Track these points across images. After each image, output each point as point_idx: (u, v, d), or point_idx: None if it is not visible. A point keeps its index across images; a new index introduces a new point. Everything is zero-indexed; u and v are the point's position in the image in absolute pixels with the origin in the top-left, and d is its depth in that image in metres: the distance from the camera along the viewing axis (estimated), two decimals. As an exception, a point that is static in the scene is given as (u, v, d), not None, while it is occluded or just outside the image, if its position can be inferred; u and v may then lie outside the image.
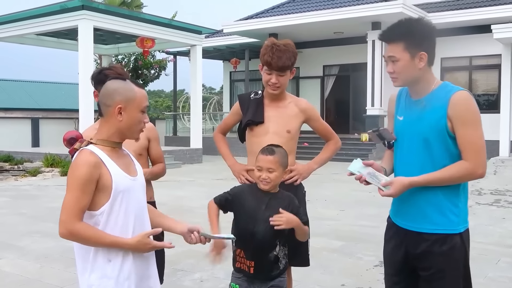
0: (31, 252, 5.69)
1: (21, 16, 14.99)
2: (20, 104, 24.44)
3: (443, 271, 2.33)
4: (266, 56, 3.04)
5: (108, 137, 2.18)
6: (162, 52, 21.40)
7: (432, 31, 2.35)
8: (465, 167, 2.26)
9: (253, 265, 2.58)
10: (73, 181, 2.07)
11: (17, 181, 12.41)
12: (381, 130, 2.48)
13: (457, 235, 2.34)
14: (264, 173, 2.60)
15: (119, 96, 2.13)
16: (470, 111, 2.27)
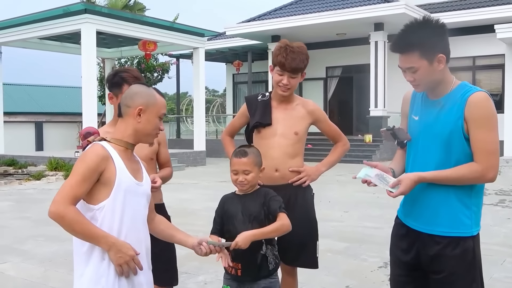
0: (35, 255, 5.69)
1: (24, 21, 15.07)
2: (23, 108, 24.56)
3: (455, 274, 2.30)
4: (279, 56, 3.03)
5: (123, 137, 2.23)
6: (165, 55, 21.45)
7: (443, 29, 2.27)
8: (475, 169, 2.22)
9: (240, 267, 2.58)
10: (78, 167, 2.11)
11: (21, 185, 12.44)
12: (396, 130, 2.45)
13: (469, 239, 2.30)
14: (241, 175, 2.62)
15: (141, 99, 2.21)
16: (486, 112, 2.23)
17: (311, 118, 3.19)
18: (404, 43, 2.25)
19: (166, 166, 3.23)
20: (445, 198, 2.30)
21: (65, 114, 25.07)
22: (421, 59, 2.21)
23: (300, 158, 3.17)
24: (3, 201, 9.75)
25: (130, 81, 2.95)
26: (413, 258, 2.43)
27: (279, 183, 3.06)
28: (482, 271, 2.39)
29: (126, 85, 2.93)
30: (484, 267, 4.85)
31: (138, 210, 2.23)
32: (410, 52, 2.23)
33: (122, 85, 2.96)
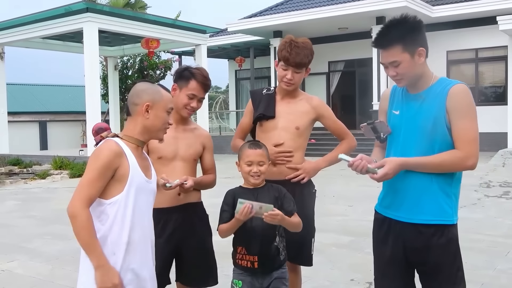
0: (42, 254, 5.74)
1: (27, 20, 15.10)
2: (27, 107, 24.65)
3: (442, 263, 2.35)
4: (284, 51, 3.02)
5: (133, 134, 2.27)
6: (168, 52, 21.46)
7: (421, 24, 2.36)
8: (457, 156, 2.28)
9: (256, 259, 2.62)
10: (93, 164, 2.14)
11: (26, 184, 12.51)
12: (376, 123, 2.48)
13: (453, 227, 2.36)
14: (255, 166, 2.65)
15: (147, 96, 2.26)
16: (466, 103, 2.31)
17: (315, 113, 3.15)
18: (386, 38, 2.32)
19: (209, 173, 3.14)
20: (427, 186, 2.35)
21: (69, 113, 25.15)
22: (403, 52, 2.29)
23: (300, 153, 3.15)
24: (9, 200, 9.82)
25: (198, 78, 2.93)
26: (398, 253, 2.44)
27: (277, 178, 3.01)
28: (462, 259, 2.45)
29: (194, 81, 2.92)
30: (489, 259, 4.91)
31: (146, 207, 2.29)
32: (392, 46, 2.30)
33: (190, 79, 2.93)
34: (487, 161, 13.69)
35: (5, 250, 5.91)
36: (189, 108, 2.95)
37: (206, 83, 2.97)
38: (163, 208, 2.81)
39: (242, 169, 2.71)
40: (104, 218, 2.17)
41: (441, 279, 2.35)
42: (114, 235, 2.18)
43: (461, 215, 7.33)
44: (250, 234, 2.62)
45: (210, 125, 20.85)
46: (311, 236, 3.16)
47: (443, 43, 17.82)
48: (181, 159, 2.94)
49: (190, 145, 2.98)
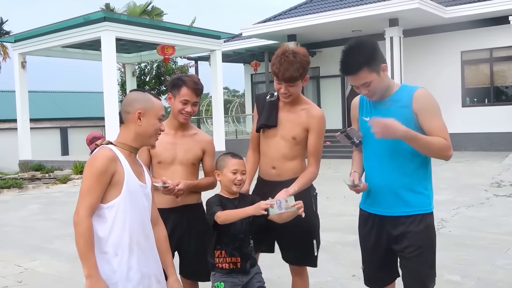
0: (63, 253, 6.05)
1: (47, 30, 15.58)
2: (49, 114, 25.23)
3: (421, 247, 2.61)
4: (274, 67, 3.04)
5: (127, 141, 2.38)
6: (183, 58, 21.82)
7: (376, 43, 2.63)
8: (445, 143, 2.54)
9: (239, 260, 2.82)
10: (90, 172, 2.25)
11: (48, 189, 12.92)
12: (348, 131, 2.75)
13: (430, 214, 2.64)
14: (239, 175, 2.85)
15: (138, 104, 2.37)
16: (432, 104, 2.60)
17: (307, 124, 3.13)
18: (353, 65, 2.56)
19: (209, 175, 3.26)
20: (405, 181, 2.63)
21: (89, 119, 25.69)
22: (371, 73, 2.55)
23: (299, 160, 3.17)
24: (32, 204, 10.22)
25: (189, 84, 3.13)
26: (381, 243, 2.73)
27: (276, 179, 3.13)
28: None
29: (185, 87, 3.11)
30: (488, 255, 5.08)
31: (143, 209, 2.40)
32: (360, 71, 2.55)
33: (181, 86, 3.13)
34: (501, 161, 13.70)
35: (28, 250, 6.25)
36: (184, 113, 3.14)
37: (196, 88, 3.15)
38: (162, 208, 2.92)
39: (227, 177, 2.85)
40: (102, 221, 2.27)
41: (419, 262, 2.61)
42: (114, 237, 2.27)
43: (467, 214, 7.49)
44: (234, 237, 2.81)
45: (226, 129, 21.14)
46: (312, 237, 3.20)
47: (457, 43, 17.84)
48: (179, 163, 3.16)
49: (189, 150, 3.18)
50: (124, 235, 2.29)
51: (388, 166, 2.65)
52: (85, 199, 2.23)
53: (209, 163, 3.29)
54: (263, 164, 3.25)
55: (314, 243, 3.20)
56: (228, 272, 2.83)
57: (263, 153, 3.25)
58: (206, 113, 25.35)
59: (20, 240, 6.94)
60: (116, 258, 2.27)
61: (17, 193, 12.29)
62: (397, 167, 2.63)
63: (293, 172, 3.14)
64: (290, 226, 3.07)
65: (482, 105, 17.71)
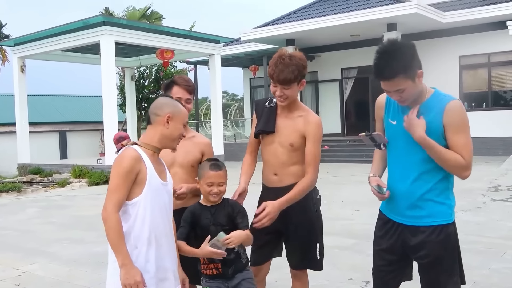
0: (61, 257, 6.08)
1: (47, 34, 15.66)
2: (47, 118, 25.26)
3: (441, 258, 2.57)
4: (270, 69, 3.05)
5: (152, 142, 2.53)
6: (183, 62, 21.88)
7: (414, 48, 2.50)
8: (461, 162, 2.49)
9: (219, 266, 2.84)
10: (117, 171, 2.41)
11: (47, 192, 12.94)
12: (374, 135, 2.68)
13: (451, 224, 2.59)
14: (215, 187, 2.84)
15: (168, 108, 2.54)
16: (462, 118, 2.51)
17: (304, 130, 3.12)
18: (388, 71, 2.43)
19: None
20: (427, 191, 2.57)
21: (88, 122, 25.71)
22: (406, 80, 2.43)
23: (299, 166, 3.15)
24: (31, 208, 10.24)
25: (179, 81, 3.26)
26: (398, 248, 2.68)
27: (278, 185, 3.13)
28: (460, 253, 2.66)
29: (176, 86, 3.24)
30: (484, 259, 5.11)
31: (164, 206, 2.55)
32: (396, 77, 2.42)
33: (172, 86, 3.25)
34: (499, 165, 13.75)
35: (26, 254, 6.27)
36: None
37: (187, 85, 3.26)
38: None
39: (203, 188, 2.87)
40: (127, 217, 2.43)
41: (439, 270, 2.58)
42: (136, 231, 2.44)
43: (464, 218, 7.53)
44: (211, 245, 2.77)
45: (225, 133, 21.18)
46: (315, 240, 3.18)
47: (455, 48, 17.92)
48: (179, 166, 3.19)
49: (188, 152, 3.21)
50: (144, 230, 2.45)
51: (412, 175, 2.59)
52: (113, 196, 2.39)
53: None
54: (265, 171, 3.26)
55: (317, 246, 3.19)
56: (212, 278, 2.88)
57: (264, 160, 3.25)
58: (205, 117, 25.45)
59: (18, 243, 6.96)
60: (135, 251, 2.43)
61: (16, 197, 12.31)
62: (421, 177, 2.58)
63: (294, 178, 3.14)
64: (293, 229, 3.11)
65: (480, 110, 17.78)
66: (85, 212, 9.15)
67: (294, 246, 3.18)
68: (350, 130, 21.01)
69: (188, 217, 2.88)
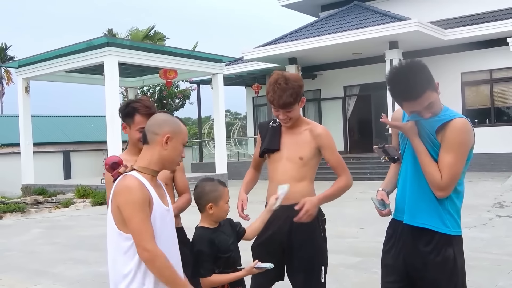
0: (65, 278, 6.05)
1: (51, 55, 15.80)
2: (51, 138, 25.33)
3: (438, 280, 2.55)
4: (269, 95, 3.07)
5: (149, 165, 2.27)
6: (186, 81, 22.02)
7: (425, 65, 2.50)
8: (437, 179, 2.49)
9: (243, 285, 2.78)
10: (133, 206, 2.14)
11: (51, 213, 12.93)
12: (386, 147, 2.71)
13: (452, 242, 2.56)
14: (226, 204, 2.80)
15: (168, 127, 2.28)
16: (458, 139, 2.49)
17: (316, 143, 3.14)
18: (416, 90, 2.42)
19: (183, 193, 3.21)
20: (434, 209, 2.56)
21: (91, 142, 25.76)
22: (432, 93, 2.46)
23: (307, 182, 3.16)
24: (35, 228, 10.22)
25: (141, 111, 3.04)
26: (401, 266, 2.66)
27: (284, 203, 3.04)
28: (465, 277, 2.62)
29: (138, 115, 3.04)
30: (491, 276, 5.06)
31: (170, 234, 2.33)
32: (424, 94, 2.43)
33: (134, 115, 3.06)
34: (503, 181, 13.70)
35: (30, 275, 6.25)
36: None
37: (150, 113, 3.01)
38: None
39: (222, 209, 2.74)
40: (132, 253, 2.17)
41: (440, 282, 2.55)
42: (142, 267, 2.18)
43: (469, 235, 7.50)
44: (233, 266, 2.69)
45: (228, 151, 21.18)
46: (320, 263, 3.12)
47: (457, 65, 18.00)
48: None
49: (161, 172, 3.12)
50: None
51: (417, 188, 2.61)
52: (143, 232, 2.13)
53: (180, 179, 3.25)
54: (270, 189, 3.22)
55: (322, 269, 3.12)
56: None
57: (271, 179, 3.23)
58: (208, 136, 25.46)
59: (22, 264, 6.94)
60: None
61: (20, 217, 12.30)
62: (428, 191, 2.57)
63: (301, 195, 3.08)
64: (298, 250, 3.06)
65: (483, 126, 17.78)
66: (89, 232, 9.13)
67: (298, 267, 3.11)
68: (354, 148, 21.01)
69: (207, 247, 2.65)
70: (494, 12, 17.54)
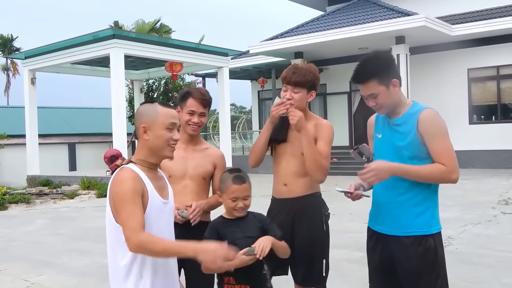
0: (69, 268, 6.08)
1: (57, 47, 15.79)
2: (57, 130, 25.40)
3: (419, 271, 2.57)
4: (284, 72, 3.14)
5: (144, 157, 2.27)
6: (191, 74, 22.00)
7: (391, 58, 2.65)
8: (443, 169, 2.52)
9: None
10: (122, 198, 2.13)
11: (56, 204, 12.98)
12: (360, 147, 2.73)
13: (430, 237, 2.59)
14: (240, 202, 2.65)
15: (143, 117, 2.28)
16: (436, 126, 2.56)
17: (315, 133, 3.11)
18: (363, 74, 2.60)
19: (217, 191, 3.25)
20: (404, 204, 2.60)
21: (97, 134, 25.83)
22: (379, 85, 2.56)
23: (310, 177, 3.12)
24: (40, 219, 10.26)
25: (195, 95, 3.12)
26: (385, 262, 2.70)
27: (286, 196, 3.10)
28: (445, 269, 2.65)
29: (191, 98, 3.13)
30: (495, 273, 5.04)
31: (166, 227, 2.32)
32: (369, 81, 2.58)
33: (187, 98, 3.15)
34: (509, 178, 13.64)
35: (35, 265, 6.28)
36: (191, 124, 3.14)
37: (203, 98, 3.14)
38: None
39: (226, 203, 2.69)
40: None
41: (418, 285, 2.58)
42: (139, 259, 2.18)
43: (474, 232, 7.47)
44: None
45: (233, 145, 21.20)
46: (322, 257, 3.12)
47: (464, 61, 17.89)
48: (190, 178, 3.12)
49: (199, 165, 3.15)
50: (148, 257, 2.19)
51: (390, 185, 2.63)
52: (129, 223, 2.10)
53: (218, 178, 3.23)
54: (275, 182, 3.23)
55: (323, 263, 3.12)
56: None
57: (275, 172, 3.24)
58: (213, 129, 25.48)
59: (27, 254, 6.98)
60: (141, 281, 2.20)
61: (25, 208, 12.35)
62: (398, 187, 2.61)
63: (304, 189, 3.11)
64: (300, 244, 3.05)
65: (489, 123, 17.69)
66: (93, 224, 9.16)
67: (300, 260, 3.09)
68: (359, 143, 20.29)
69: (214, 234, 2.64)
70: (502, 8, 17.40)
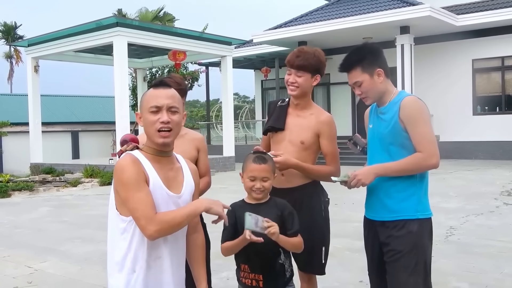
0: (72, 255, 6.12)
1: (60, 35, 15.77)
2: (60, 118, 25.44)
3: (400, 252, 2.61)
4: (289, 56, 3.13)
5: (151, 144, 2.16)
6: (195, 63, 21.95)
7: (378, 49, 2.73)
8: (420, 156, 2.58)
9: (261, 278, 2.56)
10: (128, 186, 2.03)
11: (59, 192, 13.03)
12: (354, 137, 2.80)
13: (416, 221, 2.64)
14: (259, 182, 2.58)
15: (140, 104, 2.22)
16: (416, 112, 2.61)
17: (318, 128, 3.10)
18: (347, 63, 2.72)
19: (204, 176, 3.16)
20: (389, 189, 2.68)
21: (100, 123, 25.84)
22: (363, 73, 2.67)
23: None
24: (43, 207, 10.31)
25: (172, 86, 3.05)
26: (376, 250, 2.77)
27: (285, 186, 3.08)
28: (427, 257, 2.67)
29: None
30: (496, 263, 5.04)
31: None
32: (353, 69, 2.70)
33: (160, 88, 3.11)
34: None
35: (38, 252, 6.32)
36: None
37: (179, 89, 2.89)
38: None
39: (245, 183, 2.62)
40: (126, 236, 2.09)
41: (397, 267, 2.62)
42: (132, 252, 2.09)
43: (476, 222, 7.48)
44: (252, 251, 2.50)
45: (236, 134, 21.18)
46: (321, 244, 3.13)
47: (469, 51, 17.79)
48: None
49: (184, 151, 2.93)
50: (141, 251, 2.10)
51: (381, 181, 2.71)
52: (139, 210, 2.00)
53: (203, 162, 3.27)
54: None
55: (322, 250, 3.13)
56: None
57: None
58: (216, 119, 25.46)
59: (30, 241, 7.02)
60: (133, 275, 2.10)
61: (28, 196, 12.41)
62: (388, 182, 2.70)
63: (302, 178, 3.11)
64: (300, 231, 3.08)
65: (493, 114, 17.63)
66: (96, 212, 9.20)
67: None
68: (361, 133, 20.87)
69: (231, 217, 2.54)
70: (508, -2, 17.27)
